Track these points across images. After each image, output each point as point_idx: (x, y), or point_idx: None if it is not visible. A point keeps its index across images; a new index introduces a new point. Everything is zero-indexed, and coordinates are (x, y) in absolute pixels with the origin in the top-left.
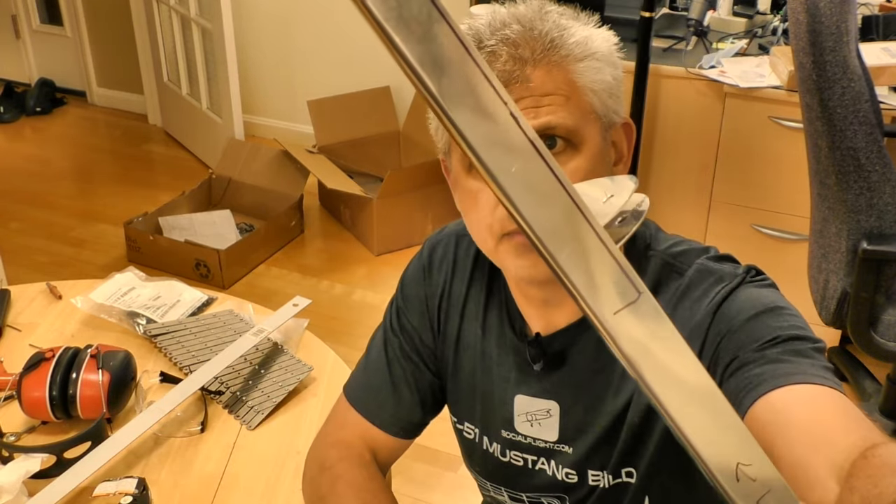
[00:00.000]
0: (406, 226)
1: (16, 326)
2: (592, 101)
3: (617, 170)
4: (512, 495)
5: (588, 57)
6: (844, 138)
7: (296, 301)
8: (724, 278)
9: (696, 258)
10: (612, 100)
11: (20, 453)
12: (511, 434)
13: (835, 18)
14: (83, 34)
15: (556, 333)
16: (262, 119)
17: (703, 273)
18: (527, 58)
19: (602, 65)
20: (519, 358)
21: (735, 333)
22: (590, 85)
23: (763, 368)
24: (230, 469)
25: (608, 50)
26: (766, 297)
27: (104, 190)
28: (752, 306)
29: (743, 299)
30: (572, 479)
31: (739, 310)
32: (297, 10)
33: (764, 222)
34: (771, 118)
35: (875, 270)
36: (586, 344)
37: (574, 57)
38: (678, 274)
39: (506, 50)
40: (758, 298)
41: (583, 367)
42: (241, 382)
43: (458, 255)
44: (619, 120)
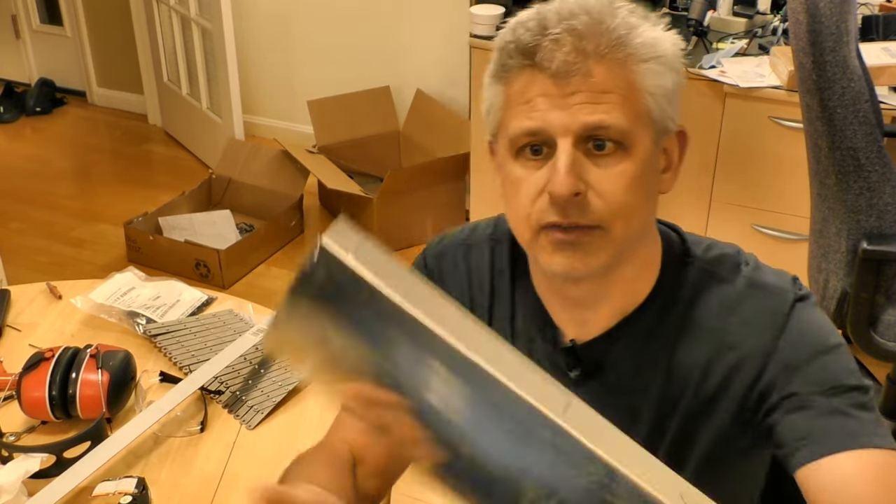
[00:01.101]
0: (406, 226)
1: (16, 326)
2: (650, 104)
3: (665, 177)
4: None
5: (652, 59)
6: (844, 138)
7: None
8: (777, 294)
9: (734, 263)
10: (669, 106)
11: (20, 453)
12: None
13: (835, 18)
14: (83, 34)
15: (592, 341)
16: (262, 119)
17: (753, 288)
18: (590, 51)
19: (665, 69)
20: (552, 366)
21: (801, 368)
22: (650, 88)
23: (829, 421)
24: (230, 469)
25: (674, 54)
26: (824, 325)
27: (104, 190)
28: (817, 340)
29: (805, 328)
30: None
31: (804, 342)
32: (297, 10)
33: (764, 222)
34: (771, 118)
35: (875, 270)
36: (624, 352)
37: (638, 57)
38: (719, 281)
39: (570, 40)
40: (820, 329)
41: (621, 376)
42: (241, 382)
43: (471, 265)
44: (674, 127)
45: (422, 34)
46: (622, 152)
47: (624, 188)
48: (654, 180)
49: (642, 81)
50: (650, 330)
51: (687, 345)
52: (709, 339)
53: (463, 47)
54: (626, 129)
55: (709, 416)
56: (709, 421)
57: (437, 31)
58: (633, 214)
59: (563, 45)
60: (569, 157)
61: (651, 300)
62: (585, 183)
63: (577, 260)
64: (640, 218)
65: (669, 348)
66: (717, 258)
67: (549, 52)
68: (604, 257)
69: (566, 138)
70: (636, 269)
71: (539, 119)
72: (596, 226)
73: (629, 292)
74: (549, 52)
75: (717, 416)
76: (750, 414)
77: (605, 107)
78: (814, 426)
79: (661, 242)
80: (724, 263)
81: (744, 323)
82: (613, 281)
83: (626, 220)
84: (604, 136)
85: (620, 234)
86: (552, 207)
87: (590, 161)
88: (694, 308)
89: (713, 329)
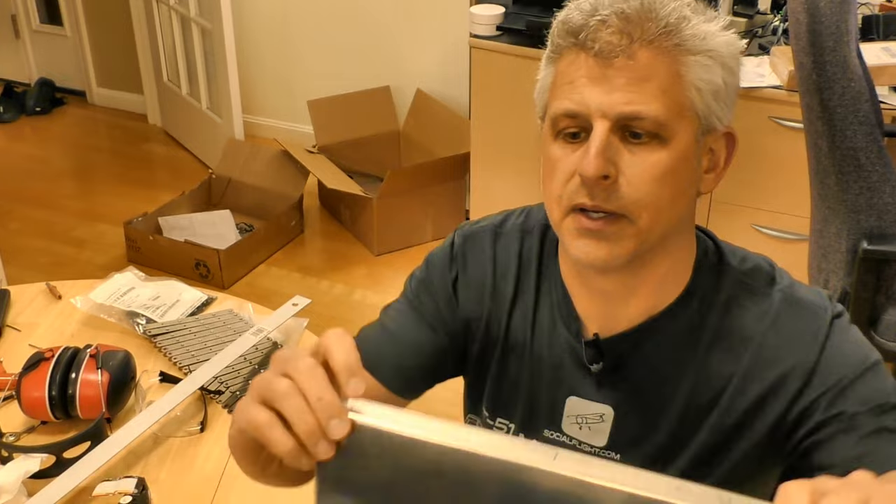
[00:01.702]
0: (406, 226)
1: (16, 326)
2: (694, 98)
3: (707, 178)
4: None
5: (702, 53)
6: (844, 138)
7: (295, 301)
8: (815, 313)
9: (769, 276)
10: (717, 103)
11: (20, 453)
12: (556, 434)
13: (835, 18)
14: (83, 34)
15: (618, 336)
16: (262, 119)
17: (791, 304)
18: (637, 35)
19: (714, 64)
20: (574, 359)
21: (842, 389)
22: (696, 82)
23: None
24: (230, 469)
25: (726, 52)
26: (863, 342)
27: (104, 190)
28: (856, 360)
29: (844, 347)
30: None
31: (844, 361)
32: (297, 10)
33: (764, 222)
34: (771, 118)
35: (875, 270)
36: (651, 352)
37: (687, 49)
38: (754, 293)
39: (617, 22)
40: (860, 346)
41: (645, 375)
42: (241, 382)
43: (497, 251)
44: (722, 127)
45: (422, 34)
46: (658, 143)
47: (654, 178)
48: (691, 177)
49: (688, 74)
50: (681, 334)
51: (720, 355)
52: (745, 352)
53: (463, 47)
54: (664, 121)
55: (741, 433)
56: (740, 437)
57: (437, 31)
58: (662, 207)
59: (609, 26)
60: (601, 141)
61: (683, 302)
62: (617, 168)
63: (600, 248)
64: (669, 212)
65: (701, 356)
66: (752, 270)
67: (595, 31)
68: (628, 247)
69: (603, 121)
70: (668, 268)
71: (578, 101)
72: (621, 214)
73: (659, 291)
74: (595, 32)
75: (750, 434)
76: (786, 433)
77: (644, 96)
78: (866, 446)
79: (696, 245)
80: (759, 276)
81: (783, 339)
82: (643, 277)
83: (653, 212)
84: (639, 127)
85: (646, 225)
86: (582, 188)
87: (625, 147)
88: (729, 318)
89: (750, 342)
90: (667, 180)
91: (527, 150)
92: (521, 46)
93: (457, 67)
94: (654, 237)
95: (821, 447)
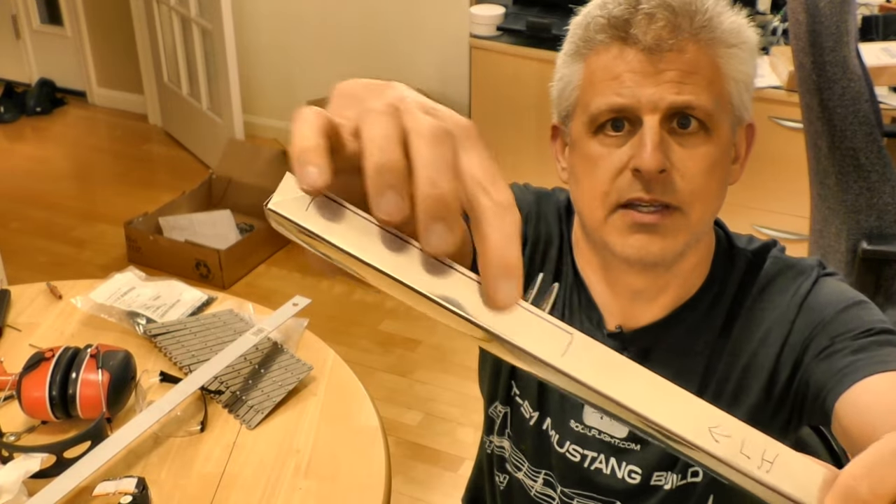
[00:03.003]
0: None
1: (16, 326)
2: (731, 90)
3: (734, 169)
4: (548, 482)
5: (738, 45)
6: (844, 138)
7: (295, 300)
8: (804, 271)
9: (768, 250)
10: (746, 94)
11: (20, 453)
12: (579, 426)
13: (835, 18)
14: (83, 34)
15: (642, 329)
16: (262, 119)
17: (780, 265)
18: (685, 28)
19: (748, 56)
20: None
21: (828, 324)
22: (733, 74)
23: (859, 356)
24: (230, 469)
25: (756, 44)
26: (849, 290)
27: (104, 190)
28: (841, 299)
29: (829, 291)
30: (635, 478)
31: (828, 302)
32: (297, 10)
33: (764, 222)
34: (771, 118)
35: (875, 270)
36: (673, 341)
37: (725, 42)
38: (759, 269)
39: (665, 15)
40: (843, 292)
41: (667, 363)
42: (241, 382)
43: (551, 223)
44: (748, 118)
45: (422, 34)
46: (705, 134)
47: (705, 170)
48: (728, 168)
49: (726, 66)
50: (700, 321)
51: (729, 333)
52: (743, 322)
53: (463, 47)
54: (711, 111)
55: (739, 395)
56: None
57: (437, 31)
58: (711, 199)
59: (658, 20)
60: (657, 134)
61: (703, 292)
62: (670, 161)
63: (654, 242)
64: (716, 202)
65: (713, 338)
66: (757, 249)
67: (644, 25)
68: (681, 241)
69: (654, 115)
70: (696, 260)
71: (628, 95)
72: (676, 207)
73: (685, 284)
74: (644, 26)
75: (749, 394)
76: (783, 386)
77: (693, 87)
78: (847, 362)
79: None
80: (762, 253)
81: (772, 298)
82: (675, 272)
83: (704, 204)
84: (690, 116)
85: (697, 218)
86: (636, 183)
87: (674, 140)
88: (738, 297)
89: (747, 312)
90: (715, 171)
91: (527, 150)
92: (521, 46)
93: (457, 67)
94: (702, 228)
95: (811, 380)
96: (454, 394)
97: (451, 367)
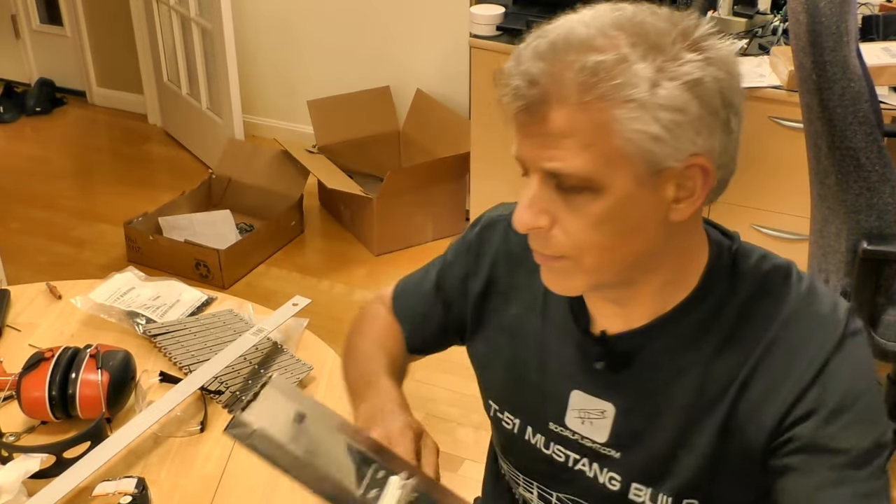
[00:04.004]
0: (406, 226)
1: (16, 326)
2: (625, 148)
3: (678, 208)
4: (543, 492)
5: (631, 102)
6: (844, 138)
7: (295, 301)
8: (825, 328)
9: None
10: (661, 145)
11: (20, 453)
12: (560, 428)
13: (835, 18)
14: (83, 34)
15: (626, 333)
16: (262, 119)
17: (804, 313)
18: (551, 95)
19: (645, 114)
20: (580, 353)
21: (827, 420)
22: (625, 133)
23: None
24: (230, 469)
25: (667, 94)
26: (867, 368)
27: (104, 190)
28: (849, 396)
29: (844, 374)
30: (615, 485)
31: (836, 389)
32: (297, 10)
33: (764, 222)
34: (771, 118)
35: (875, 270)
36: (658, 350)
37: (610, 100)
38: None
39: (525, 86)
40: (856, 378)
41: (649, 374)
42: (241, 382)
43: (510, 241)
44: (678, 164)
45: (422, 34)
46: (591, 193)
47: (589, 227)
48: (644, 214)
49: (614, 125)
50: (689, 334)
51: (729, 356)
52: (753, 355)
53: (463, 47)
54: (589, 175)
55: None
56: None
57: (437, 31)
58: (606, 249)
59: (521, 96)
60: (531, 193)
61: (691, 304)
62: (552, 216)
63: (554, 282)
64: (620, 251)
65: (706, 360)
66: (770, 272)
67: (511, 97)
68: (581, 281)
69: (536, 174)
70: (664, 280)
71: (516, 149)
72: (562, 256)
73: (663, 297)
74: (511, 98)
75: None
76: (771, 447)
77: (563, 152)
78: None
79: (707, 251)
80: (775, 279)
81: (789, 349)
82: (637, 290)
83: (596, 254)
84: (565, 181)
85: (592, 265)
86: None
87: (560, 196)
88: (742, 320)
89: (758, 345)
90: (604, 227)
91: None
92: None
93: (457, 67)
94: (610, 273)
95: (787, 479)
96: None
97: (451, 367)
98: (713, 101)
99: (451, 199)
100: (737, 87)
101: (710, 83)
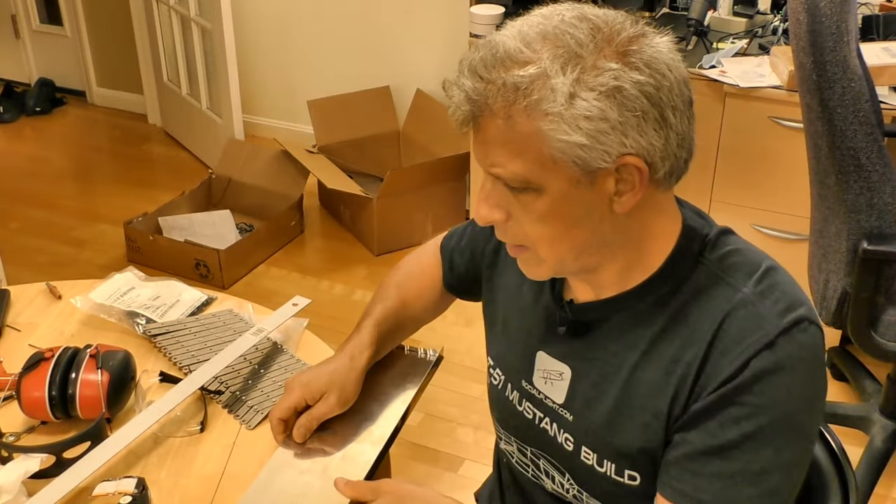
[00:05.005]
0: (406, 226)
1: (15, 326)
2: (555, 155)
3: (621, 201)
4: (520, 447)
5: (552, 115)
6: (844, 138)
7: (295, 301)
8: (761, 328)
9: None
10: (588, 151)
11: (20, 453)
12: (528, 386)
13: (835, 18)
14: (83, 34)
15: (590, 304)
16: (262, 119)
17: (744, 311)
18: (483, 106)
19: (566, 125)
20: (548, 317)
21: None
22: (552, 142)
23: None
24: (230, 469)
25: (587, 107)
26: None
27: (104, 190)
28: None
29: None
30: (569, 446)
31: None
32: (297, 10)
33: (764, 222)
34: (771, 118)
35: (875, 270)
36: (616, 323)
37: (536, 112)
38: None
39: (462, 97)
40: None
41: (602, 344)
42: (241, 382)
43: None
44: (609, 164)
45: (422, 34)
46: (534, 192)
47: (537, 221)
48: (587, 207)
49: (540, 135)
50: (644, 313)
51: (670, 340)
52: (691, 342)
53: (463, 47)
54: (526, 178)
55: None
56: (671, 424)
57: (437, 31)
58: (556, 239)
59: (458, 108)
60: (485, 190)
61: (650, 284)
62: (507, 212)
63: (525, 269)
64: (569, 241)
65: (653, 339)
66: (733, 265)
67: (452, 109)
68: (545, 268)
69: (487, 174)
70: (625, 262)
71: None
72: (521, 245)
73: (624, 278)
74: (452, 109)
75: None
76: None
77: (501, 159)
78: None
79: (677, 236)
80: (735, 273)
81: (723, 343)
82: (599, 273)
83: (547, 245)
84: (509, 183)
85: (548, 255)
86: None
87: (511, 194)
88: (691, 306)
89: (696, 334)
90: (550, 221)
91: None
92: None
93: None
94: (567, 260)
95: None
96: (454, 394)
97: (451, 367)
98: (637, 104)
99: (451, 199)
100: (668, 84)
101: (630, 88)
